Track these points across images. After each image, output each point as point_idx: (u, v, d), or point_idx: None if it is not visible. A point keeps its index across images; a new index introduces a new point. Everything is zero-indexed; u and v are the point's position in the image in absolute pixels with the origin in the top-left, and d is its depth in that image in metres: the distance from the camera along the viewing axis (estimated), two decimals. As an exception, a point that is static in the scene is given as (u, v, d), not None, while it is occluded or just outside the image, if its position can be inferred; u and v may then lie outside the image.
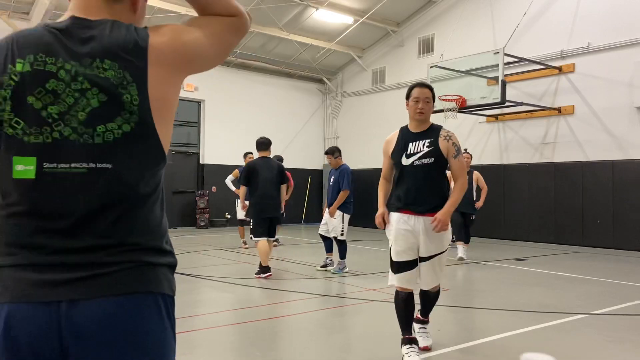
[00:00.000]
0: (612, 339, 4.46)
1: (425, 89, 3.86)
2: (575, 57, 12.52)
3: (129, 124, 1.16)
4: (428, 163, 3.76)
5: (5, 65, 1.15)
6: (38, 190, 1.14)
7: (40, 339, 1.09)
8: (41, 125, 1.14)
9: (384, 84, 17.56)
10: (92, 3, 1.22)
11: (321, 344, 4.32)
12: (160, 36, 1.23)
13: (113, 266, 1.14)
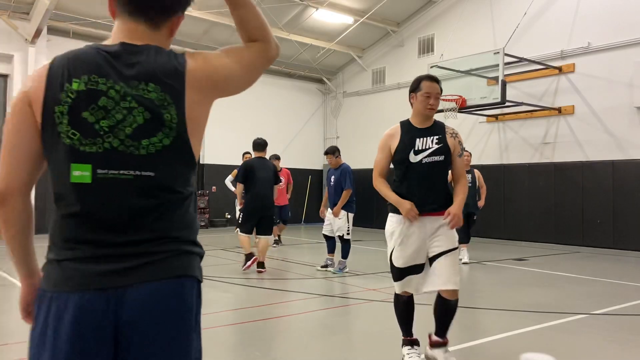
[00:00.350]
0: (613, 339, 4.47)
1: (437, 84, 3.64)
2: (575, 57, 12.52)
3: (168, 138, 1.36)
4: (438, 161, 3.54)
5: (62, 84, 1.31)
6: (93, 193, 1.32)
7: (99, 322, 1.27)
8: (94, 136, 1.31)
9: (384, 84, 17.56)
10: (138, 30, 1.40)
11: (321, 344, 4.32)
12: (196, 62, 1.42)
13: (158, 255, 1.35)
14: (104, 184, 1.31)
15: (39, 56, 13.54)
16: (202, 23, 15.12)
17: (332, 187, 7.88)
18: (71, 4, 13.49)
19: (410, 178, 3.58)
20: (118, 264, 1.30)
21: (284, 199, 11.08)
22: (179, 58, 1.40)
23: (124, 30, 1.41)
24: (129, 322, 1.28)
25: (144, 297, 1.30)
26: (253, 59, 1.51)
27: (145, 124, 1.33)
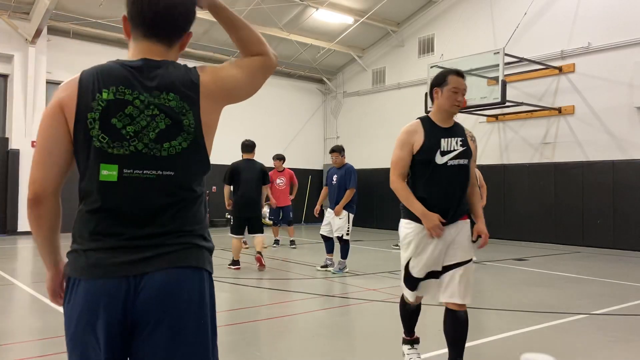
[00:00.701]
0: (613, 339, 4.46)
1: (463, 79, 3.36)
2: (576, 57, 12.52)
3: (186, 141, 1.53)
4: (463, 164, 3.29)
5: (94, 94, 1.48)
6: (118, 190, 1.47)
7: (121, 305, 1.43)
8: (121, 140, 1.47)
9: (384, 84, 17.56)
10: (156, 49, 1.59)
11: (321, 344, 4.32)
12: (207, 75, 1.60)
13: (173, 247, 1.50)
14: (129, 183, 1.48)
15: (39, 56, 13.54)
16: (202, 23, 15.10)
17: (333, 186, 7.81)
18: (71, 4, 13.49)
19: (434, 181, 3.26)
20: (138, 255, 1.46)
21: (286, 200, 11.02)
22: (193, 72, 1.59)
23: (141, 49, 1.59)
24: (145, 304, 1.44)
25: (159, 283, 1.45)
26: (256, 70, 1.67)
27: (166, 129, 1.51)
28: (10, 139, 13.36)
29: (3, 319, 5.02)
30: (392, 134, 16.93)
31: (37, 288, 6.42)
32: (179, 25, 1.63)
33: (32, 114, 13.44)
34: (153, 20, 1.56)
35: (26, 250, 10.75)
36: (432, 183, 3.27)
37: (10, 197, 13.13)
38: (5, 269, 7.88)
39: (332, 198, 7.87)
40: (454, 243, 3.29)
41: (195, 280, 1.52)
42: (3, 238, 12.57)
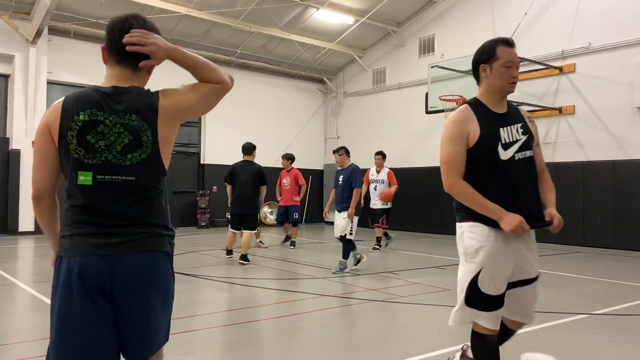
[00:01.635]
0: (613, 339, 4.46)
1: (515, 48, 2.75)
2: (576, 57, 12.52)
3: (145, 153, 1.92)
4: (530, 157, 2.73)
5: (73, 115, 1.88)
6: (93, 191, 1.88)
7: (99, 278, 1.84)
8: (94, 152, 1.87)
9: (384, 84, 17.56)
10: (124, 75, 1.97)
11: (322, 344, 4.32)
12: (166, 99, 1.95)
13: (140, 235, 1.91)
14: (101, 185, 1.89)
15: (40, 56, 13.55)
16: (202, 23, 15.12)
17: (339, 187, 7.80)
18: (72, 4, 13.50)
19: (500, 181, 2.65)
20: (110, 239, 1.87)
21: (289, 200, 11.01)
22: (155, 96, 1.95)
23: (114, 75, 1.98)
24: (120, 279, 1.86)
25: (130, 263, 1.87)
26: (211, 94, 2.02)
27: (129, 144, 1.90)
28: (11, 139, 13.37)
29: (4, 318, 5.03)
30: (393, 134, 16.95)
31: (37, 288, 6.43)
32: (142, 55, 1.95)
33: (33, 114, 13.45)
34: (120, 51, 1.94)
35: (27, 250, 10.76)
36: (496, 182, 2.64)
37: (11, 197, 13.14)
38: (6, 268, 7.89)
39: (337, 199, 7.88)
40: (531, 253, 2.77)
41: (158, 261, 1.94)
42: (4, 238, 12.58)
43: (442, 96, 12.33)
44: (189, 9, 14.13)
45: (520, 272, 2.72)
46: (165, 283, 1.97)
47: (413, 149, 16.04)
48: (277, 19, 15.45)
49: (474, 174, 2.69)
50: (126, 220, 1.90)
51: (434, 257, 9.76)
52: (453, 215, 2.87)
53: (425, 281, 7.08)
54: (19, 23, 13.32)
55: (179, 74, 2.83)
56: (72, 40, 14.29)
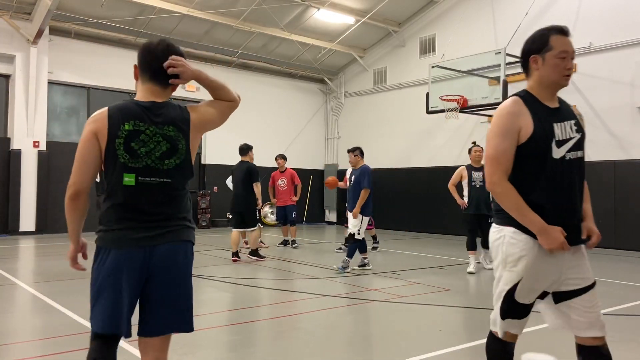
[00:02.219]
0: (614, 339, 4.45)
1: (570, 37, 2.48)
2: (577, 57, 12.40)
3: (179, 159, 2.30)
4: (580, 157, 2.48)
5: (119, 125, 2.21)
6: (135, 191, 2.23)
7: (139, 267, 2.20)
8: (137, 157, 2.22)
9: (385, 84, 17.56)
10: (157, 90, 2.33)
11: (322, 344, 4.32)
12: (195, 113, 2.36)
13: (172, 227, 2.27)
14: (142, 186, 2.24)
15: (41, 56, 13.56)
16: (203, 23, 15.12)
17: (350, 186, 7.90)
18: (73, 4, 13.50)
19: (548, 184, 2.41)
20: (148, 232, 2.22)
21: (287, 200, 11.01)
22: (185, 111, 2.35)
23: (148, 90, 2.33)
24: (156, 265, 2.22)
25: (165, 251, 2.23)
26: (225, 110, 2.44)
27: (167, 151, 2.27)
28: (12, 139, 13.38)
29: (4, 318, 5.03)
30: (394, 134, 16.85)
31: (38, 288, 6.43)
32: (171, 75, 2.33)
33: (34, 114, 13.47)
34: (154, 71, 2.31)
35: (28, 250, 10.77)
36: (546, 188, 2.41)
37: (12, 197, 13.15)
38: (7, 268, 7.89)
39: (348, 198, 7.93)
40: (574, 262, 2.49)
41: (186, 248, 2.33)
42: (5, 238, 12.58)
43: (442, 96, 12.33)
44: (190, 9, 14.14)
45: (568, 282, 2.46)
46: (190, 268, 2.37)
47: (414, 149, 16.04)
48: (277, 19, 15.45)
49: (520, 173, 2.43)
50: (162, 215, 2.27)
51: (435, 257, 9.76)
52: (453, 216, 2.77)
53: (425, 281, 7.08)
54: (19, 23, 13.33)
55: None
56: (73, 40, 14.30)
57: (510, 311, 2.55)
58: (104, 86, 14.79)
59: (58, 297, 5.83)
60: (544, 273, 2.44)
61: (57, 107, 14.53)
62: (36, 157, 13.50)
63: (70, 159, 9.65)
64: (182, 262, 2.29)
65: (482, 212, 7.78)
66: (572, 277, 2.46)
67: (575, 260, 2.47)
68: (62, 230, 13.70)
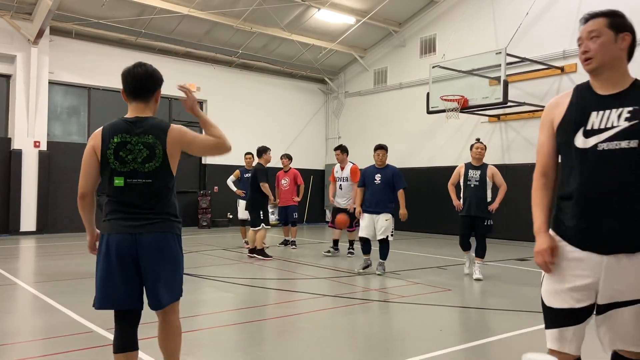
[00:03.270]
0: (614, 339, 4.45)
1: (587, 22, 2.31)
2: (577, 57, 12.48)
3: (157, 163, 2.75)
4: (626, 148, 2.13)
5: (109, 138, 2.72)
6: (124, 190, 2.73)
7: (128, 248, 2.68)
8: (125, 163, 2.72)
9: (385, 84, 17.56)
10: (140, 107, 2.82)
11: (322, 344, 4.32)
12: (175, 130, 2.81)
13: (155, 220, 2.74)
14: (130, 186, 2.74)
15: (42, 56, 13.57)
16: (204, 23, 15.13)
17: (376, 186, 7.48)
18: (73, 4, 13.51)
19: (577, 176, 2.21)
20: (135, 222, 2.72)
21: (289, 200, 10.99)
22: (165, 123, 2.83)
23: (134, 108, 2.84)
24: (142, 250, 2.71)
25: (149, 240, 2.72)
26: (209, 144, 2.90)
27: (147, 156, 2.75)
28: (13, 139, 13.39)
29: (5, 318, 5.03)
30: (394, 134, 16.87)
31: (38, 288, 6.44)
32: (148, 91, 2.85)
33: (35, 114, 13.48)
34: (132, 90, 2.82)
35: (28, 250, 10.77)
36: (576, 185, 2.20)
37: (13, 197, 13.16)
38: (8, 268, 7.90)
39: (373, 199, 7.48)
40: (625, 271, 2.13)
41: (168, 239, 2.78)
42: (6, 238, 12.59)
43: (443, 96, 12.33)
44: (191, 9, 14.14)
45: (610, 292, 2.19)
46: (173, 255, 2.80)
47: (414, 149, 16.04)
48: (278, 19, 15.45)
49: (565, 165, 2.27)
50: (146, 209, 2.75)
51: (435, 257, 9.76)
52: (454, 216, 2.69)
53: (426, 281, 7.07)
54: (20, 23, 13.34)
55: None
56: (74, 40, 14.31)
57: (546, 318, 2.30)
58: (104, 86, 14.80)
59: (58, 297, 5.84)
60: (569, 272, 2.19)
61: (58, 107, 14.54)
62: (37, 157, 13.50)
63: (70, 158, 9.83)
64: (164, 249, 2.75)
65: (476, 214, 7.16)
66: (612, 285, 2.16)
67: (618, 270, 2.12)
68: (62, 230, 13.70)
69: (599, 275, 2.15)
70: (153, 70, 2.84)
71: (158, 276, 2.72)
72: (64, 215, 13.76)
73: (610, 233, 2.10)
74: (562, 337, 2.27)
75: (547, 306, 2.27)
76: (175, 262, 2.80)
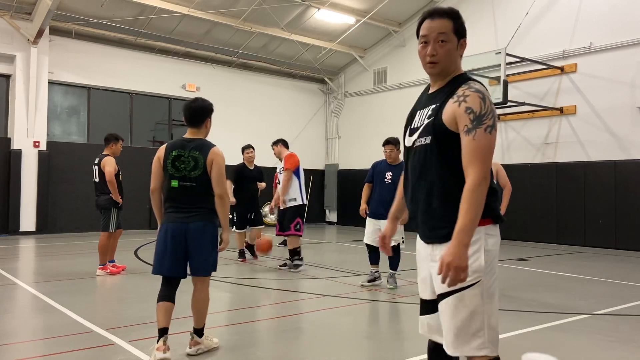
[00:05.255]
0: (614, 339, 4.46)
1: (432, 19, 2.21)
2: (577, 57, 12.50)
3: (200, 171, 3.82)
4: (425, 144, 2.25)
5: (170, 152, 3.85)
6: (178, 190, 3.83)
7: (179, 233, 3.78)
8: (178, 170, 3.82)
9: (385, 84, 17.56)
10: (194, 131, 3.95)
11: (322, 344, 4.32)
12: (212, 151, 3.86)
13: (199, 212, 3.82)
14: (182, 187, 3.80)
15: (41, 56, 13.56)
16: (203, 23, 15.12)
17: (386, 185, 6.51)
18: (73, 4, 13.51)
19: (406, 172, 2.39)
20: (184, 214, 3.78)
21: None
22: (208, 146, 3.86)
23: (189, 131, 3.94)
24: (189, 235, 3.76)
25: (193, 227, 3.77)
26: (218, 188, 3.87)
27: (193, 166, 3.80)
28: (13, 139, 13.38)
29: (5, 318, 5.03)
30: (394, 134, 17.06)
31: (38, 288, 6.43)
32: (199, 121, 3.94)
33: (34, 114, 13.47)
34: (188, 119, 3.93)
35: (28, 250, 10.77)
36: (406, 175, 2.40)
37: (13, 197, 13.15)
38: (7, 268, 7.89)
39: (381, 200, 6.49)
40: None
41: (207, 226, 3.82)
42: (5, 238, 12.58)
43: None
44: (190, 9, 14.14)
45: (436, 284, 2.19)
46: (211, 237, 3.84)
47: (414, 149, 16.03)
48: (278, 19, 15.45)
49: None
50: (191, 205, 3.81)
51: (435, 257, 9.74)
52: None
53: (426, 281, 7.05)
54: (20, 23, 13.34)
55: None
56: (74, 40, 14.30)
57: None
58: (104, 86, 14.79)
59: (58, 297, 5.84)
60: (419, 265, 2.38)
61: (58, 107, 14.54)
62: (36, 157, 13.49)
63: (70, 159, 9.89)
64: (204, 235, 3.80)
65: None
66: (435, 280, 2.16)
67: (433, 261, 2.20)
68: (62, 230, 13.70)
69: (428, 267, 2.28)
70: (204, 105, 3.93)
71: (198, 254, 3.78)
72: (63, 215, 13.75)
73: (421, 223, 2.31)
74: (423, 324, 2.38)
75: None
76: (212, 243, 3.83)
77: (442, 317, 2.16)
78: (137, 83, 15.28)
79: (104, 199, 7.38)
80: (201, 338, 3.90)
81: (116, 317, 5.07)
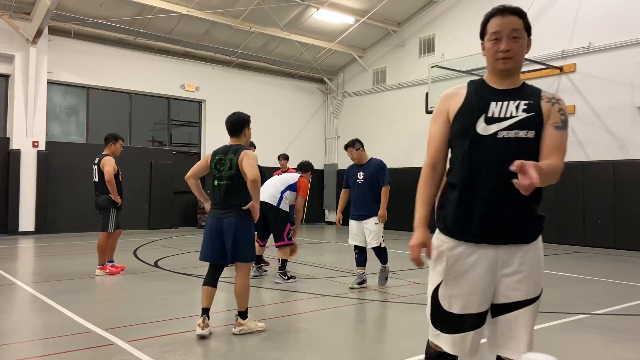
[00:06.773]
0: (614, 339, 4.46)
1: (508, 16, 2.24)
2: (577, 57, 12.51)
3: (234, 171, 4.51)
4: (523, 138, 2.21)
5: (215, 156, 4.65)
6: (218, 188, 4.56)
7: (217, 226, 4.49)
8: (220, 172, 4.56)
9: (384, 84, 17.56)
10: (234, 139, 4.74)
11: (322, 344, 4.31)
12: (243, 155, 4.52)
13: (234, 208, 4.46)
14: (220, 185, 4.53)
15: (40, 56, 13.55)
16: (203, 23, 15.12)
17: (361, 185, 6.57)
18: (72, 4, 13.50)
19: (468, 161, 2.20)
20: (221, 210, 4.49)
21: None
22: (241, 149, 4.55)
23: (231, 139, 4.74)
24: (225, 227, 4.44)
25: (229, 220, 4.43)
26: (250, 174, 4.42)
27: (229, 167, 4.52)
28: (11, 139, 13.36)
29: (4, 318, 5.02)
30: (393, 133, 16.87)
31: (37, 288, 6.43)
32: (238, 130, 4.71)
33: (33, 114, 13.45)
34: (229, 130, 4.73)
35: (27, 250, 10.75)
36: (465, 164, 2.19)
37: (11, 197, 13.13)
38: (6, 268, 7.89)
39: (358, 201, 6.58)
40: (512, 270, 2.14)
41: (243, 218, 4.43)
42: (4, 238, 12.57)
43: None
44: (190, 9, 14.13)
45: (497, 295, 2.17)
46: (246, 228, 4.44)
47: (413, 149, 16.03)
48: (277, 19, 15.45)
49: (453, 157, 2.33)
50: (227, 201, 4.43)
51: (435, 257, 9.74)
52: None
53: (425, 281, 7.02)
54: (19, 23, 13.32)
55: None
56: (73, 40, 14.29)
57: (438, 318, 2.24)
58: (103, 86, 14.79)
59: (57, 297, 5.83)
60: (467, 279, 2.15)
61: (57, 107, 14.52)
62: (35, 157, 13.48)
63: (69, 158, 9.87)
64: (236, 226, 4.38)
65: None
66: (500, 290, 2.15)
67: (513, 267, 2.13)
68: (61, 230, 13.68)
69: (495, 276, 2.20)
70: (241, 117, 4.71)
71: (234, 244, 4.35)
72: (62, 215, 13.74)
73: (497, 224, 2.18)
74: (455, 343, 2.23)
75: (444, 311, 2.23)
76: (246, 235, 4.43)
77: (516, 325, 2.22)
78: (136, 83, 15.27)
79: (103, 199, 7.37)
80: (245, 320, 4.47)
81: (115, 317, 5.07)
